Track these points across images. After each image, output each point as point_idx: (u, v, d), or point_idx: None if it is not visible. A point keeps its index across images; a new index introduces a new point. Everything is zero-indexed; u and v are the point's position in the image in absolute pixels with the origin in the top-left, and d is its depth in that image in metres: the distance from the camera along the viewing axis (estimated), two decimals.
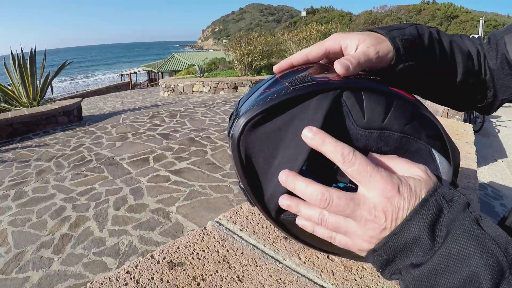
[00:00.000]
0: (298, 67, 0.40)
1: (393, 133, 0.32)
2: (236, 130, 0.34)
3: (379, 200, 0.28)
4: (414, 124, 0.33)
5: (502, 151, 5.81)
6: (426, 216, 0.27)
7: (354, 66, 0.35)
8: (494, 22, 53.02)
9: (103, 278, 0.45)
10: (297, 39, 9.98)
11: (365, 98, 0.33)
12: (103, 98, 12.60)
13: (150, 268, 0.47)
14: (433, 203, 0.27)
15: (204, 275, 0.45)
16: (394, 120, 0.32)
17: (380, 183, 0.28)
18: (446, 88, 0.44)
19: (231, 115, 0.38)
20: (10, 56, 5.81)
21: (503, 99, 0.45)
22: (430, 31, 0.42)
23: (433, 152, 0.34)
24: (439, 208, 0.27)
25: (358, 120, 0.32)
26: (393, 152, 0.33)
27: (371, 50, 0.37)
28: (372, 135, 0.32)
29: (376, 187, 0.28)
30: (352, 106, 0.32)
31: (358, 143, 0.33)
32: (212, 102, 6.58)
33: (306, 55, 0.40)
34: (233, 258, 0.49)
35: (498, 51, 0.43)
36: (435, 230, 0.26)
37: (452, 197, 0.28)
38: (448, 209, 0.27)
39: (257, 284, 0.44)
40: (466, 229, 0.26)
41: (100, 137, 4.35)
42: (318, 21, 19.67)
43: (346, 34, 0.40)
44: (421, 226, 0.26)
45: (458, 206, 0.27)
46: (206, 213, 2.39)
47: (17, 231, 2.29)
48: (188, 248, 0.51)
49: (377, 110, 0.32)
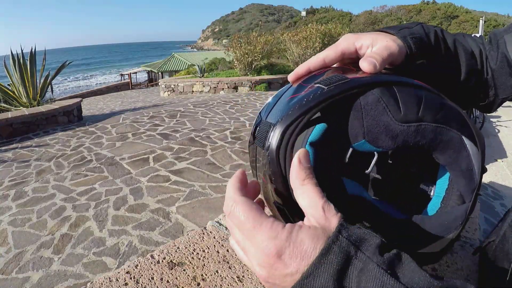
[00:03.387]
0: (317, 72, 0.39)
1: (428, 124, 0.32)
2: (275, 140, 0.31)
3: (262, 262, 0.26)
4: (443, 113, 0.33)
5: (502, 151, 5.81)
6: (330, 269, 0.22)
7: (380, 63, 0.35)
8: (494, 22, 52.98)
9: (103, 278, 0.45)
10: (297, 39, 9.97)
11: (398, 92, 0.32)
12: (103, 98, 12.60)
13: (150, 268, 0.47)
14: (337, 250, 0.23)
15: (204, 275, 0.45)
16: (427, 111, 0.32)
17: (259, 245, 0.25)
18: (449, 86, 0.44)
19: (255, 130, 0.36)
20: (10, 56, 5.81)
21: (503, 98, 0.45)
22: (435, 29, 0.43)
23: (463, 139, 0.33)
24: (346, 255, 0.23)
25: (396, 115, 0.32)
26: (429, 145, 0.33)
27: (392, 45, 0.37)
28: (410, 129, 0.32)
29: (257, 247, 0.26)
30: (388, 101, 0.32)
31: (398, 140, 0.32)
32: (212, 102, 6.58)
33: (323, 59, 0.40)
34: (233, 258, 0.49)
35: (499, 50, 0.43)
36: (343, 283, 0.22)
37: (361, 238, 0.24)
38: (356, 255, 0.23)
39: (257, 284, 0.44)
40: (375, 279, 0.22)
41: (100, 137, 4.35)
42: (318, 21, 19.67)
43: (359, 35, 0.40)
44: (326, 281, 0.22)
45: (369, 249, 0.23)
46: (206, 213, 2.39)
47: (17, 231, 2.29)
48: (188, 248, 0.51)
49: (411, 103, 0.32)
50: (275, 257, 0.24)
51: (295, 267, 0.24)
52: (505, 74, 0.43)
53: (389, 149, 0.33)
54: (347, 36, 0.41)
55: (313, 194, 0.27)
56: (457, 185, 0.35)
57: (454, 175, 0.35)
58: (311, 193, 0.27)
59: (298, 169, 0.28)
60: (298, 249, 0.24)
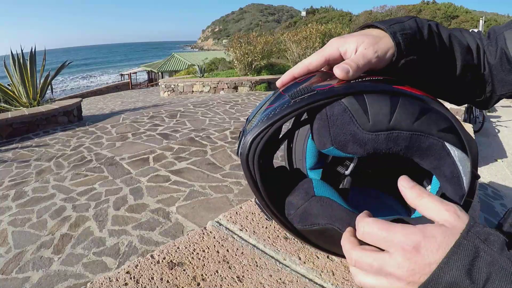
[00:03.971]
0: (300, 78, 0.40)
1: (401, 132, 0.32)
2: (244, 148, 0.35)
3: (402, 261, 0.27)
4: (423, 120, 0.32)
5: (502, 151, 5.81)
6: (462, 260, 0.25)
7: (354, 70, 0.35)
8: (494, 22, 52.99)
9: (103, 278, 0.45)
10: (297, 39, 9.97)
11: (368, 101, 0.32)
12: (103, 98, 12.60)
13: (150, 268, 0.47)
14: (467, 245, 0.26)
15: (204, 275, 0.45)
16: (401, 118, 0.32)
17: (397, 246, 0.28)
18: (444, 82, 0.44)
19: (239, 134, 0.39)
20: (10, 56, 5.81)
21: (500, 95, 0.45)
22: (429, 24, 0.42)
23: (446, 146, 0.33)
24: (475, 249, 0.26)
25: (364, 124, 0.32)
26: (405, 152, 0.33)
27: (369, 51, 0.37)
28: (379, 137, 0.32)
29: (396, 250, 0.28)
30: (356, 111, 0.32)
31: (367, 147, 0.32)
32: (212, 102, 6.58)
33: (306, 66, 0.40)
34: (233, 258, 0.49)
35: (498, 46, 0.42)
36: (473, 274, 0.25)
37: (487, 236, 0.26)
38: (485, 249, 0.25)
39: (257, 284, 0.44)
40: (507, 274, 0.24)
41: (100, 137, 4.35)
42: (318, 21, 19.67)
43: (344, 38, 0.40)
44: (458, 271, 0.25)
45: (495, 245, 0.26)
46: (206, 213, 2.39)
47: (17, 231, 2.29)
48: (188, 248, 0.51)
49: (382, 111, 0.32)
50: (413, 251, 0.27)
51: (432, 258, 0.26)
52: (503, 70, 0.42)
53: (360, 155, 0.34)
54: (332, 42, 0.40)
55: (437, 203, 0.29)
56: (445, 190, 0.35)
57: (440, 181, 0.35)
58: (434, 203, 0.29)
59: (408, 192, 0.31)
60: (433, 243, 0.27)
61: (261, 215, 0.60)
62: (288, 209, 0.40)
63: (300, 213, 0.38)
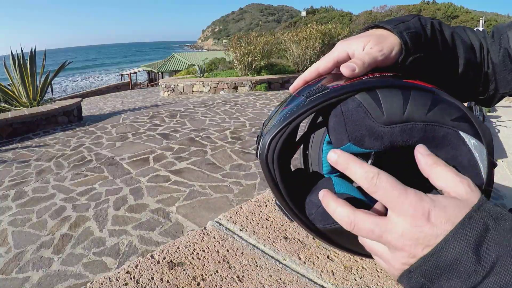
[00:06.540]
0: (311, 81, 0.41)
1: (416, 124, 0.32)
2: (263, 149, 0.35)
3: (407, 228, 0.26)
4: (435, 110, 0.33)
5: (502, 151, 5.81)
6: (470, 235, 0.24)
7: (359, 67, 0.36)
8: (494, 22, 52.98)
9: (103, 278, 0.45)
10: (297, 39, 9.96)
11: (380, 95, 0.33)
12: (103, 98, 12.61)
13: (150, 268, 0.47)
14: (478, 220, 0.25)
15: (204, 275, 0.45)
16: (414, 110, 0.32)
17: (407, 210, 0.26)
18: (447, 79, 0.44)
19: (257, 138, 0.39)
20: (10, 56, 5.82)
21: (503, 93, 0.45)
22: (432, 22, 0.42)
23: (460, 134, 0.33)
24: (485, 226, 0.24)
25: (378, 118, 0.32)
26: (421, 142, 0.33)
27: (374, 49, 0.38)
28: (394, 129, 0.32)
29: (404, 214, 0.26)
30: (370, 105, 0.33)
31: (384, 141, 0.33)
32: (212, 102, 6.58)
33: (317, 69, 0.41)
34: (233, 258, 0.49)
35: (501, 45, 0.43)
36: (480, 251, 0.24)
37: (499, 214, 0.25)
38: (495, 227, 0.24)
39: (257, 284, 0.44)
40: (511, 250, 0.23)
41: (100, 137, 4.35)
42: (318, 21, 19.65)
43: (351, 40, 0.41)
44: (463, 246, 0.24)
45: (506, 226, 0.24)
46: (206, 213, 2.39)
47: (17, 231, 2.29)
48: (188, 248, 0.51)
49: (395, 104, 0.33)
50: (423, 217, 0.25)
51: (440, 228, 0.25)
52: (507, 69, 0.43)
53: (378, 149, 0.34)
54: (339, 44, 0.41)
55: (452, 174, 0.28)
56: None
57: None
58: (449, 173, 0.29)
59: (423, 159, 0.30)
60: (443, 214, 0.25)
61: (261, 215, 0.60)
62: (309, 208, 0.39)
63: (321, 212, 0.38)
